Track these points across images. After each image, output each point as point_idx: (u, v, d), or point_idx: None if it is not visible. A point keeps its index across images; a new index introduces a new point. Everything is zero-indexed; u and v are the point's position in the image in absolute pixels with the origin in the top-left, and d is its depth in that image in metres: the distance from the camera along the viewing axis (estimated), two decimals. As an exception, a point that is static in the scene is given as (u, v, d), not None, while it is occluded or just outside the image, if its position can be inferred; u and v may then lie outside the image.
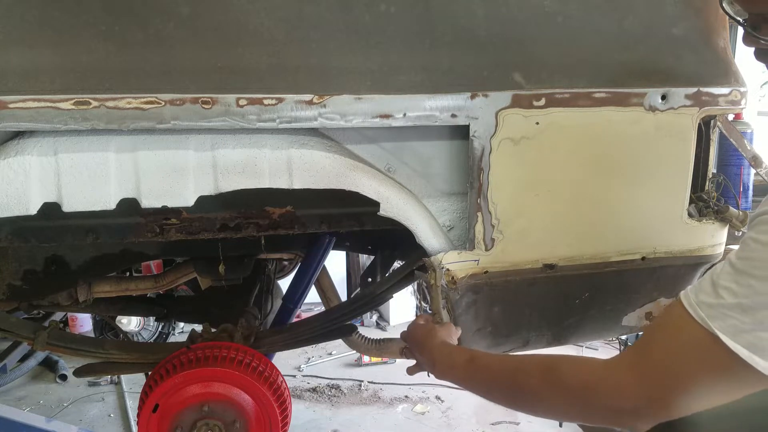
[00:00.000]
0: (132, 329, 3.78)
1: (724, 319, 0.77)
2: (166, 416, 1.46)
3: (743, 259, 0.79)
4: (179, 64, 1.20)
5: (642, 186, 1.45)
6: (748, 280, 0.77)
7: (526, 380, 0.97)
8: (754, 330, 0.75)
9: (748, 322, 0.75)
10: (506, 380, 1.03)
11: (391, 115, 1.27)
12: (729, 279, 0.79)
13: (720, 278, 0.80)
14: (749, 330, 0.75)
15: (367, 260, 3.72)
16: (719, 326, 0.77)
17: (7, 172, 1.17)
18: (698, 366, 0.79)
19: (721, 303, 0.78)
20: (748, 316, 0.75)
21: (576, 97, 1.35)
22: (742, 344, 0.75)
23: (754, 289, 0.76)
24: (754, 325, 0.75)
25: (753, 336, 0.75)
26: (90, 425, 3.24)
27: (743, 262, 0.78)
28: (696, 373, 0.80)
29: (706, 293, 0.80)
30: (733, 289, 0.78)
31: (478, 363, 1.11)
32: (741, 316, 0.76)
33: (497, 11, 1.34)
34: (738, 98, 1.46)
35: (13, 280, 1.65)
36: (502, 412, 3.33)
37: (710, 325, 0.77)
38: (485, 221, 1.38)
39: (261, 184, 1.29)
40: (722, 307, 0.78)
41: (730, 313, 0.77)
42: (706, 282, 0.82)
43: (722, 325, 0.77)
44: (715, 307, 0.78)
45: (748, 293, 0.76)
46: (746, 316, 0.75)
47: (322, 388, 3.63)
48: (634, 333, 1.65)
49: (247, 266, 1.78)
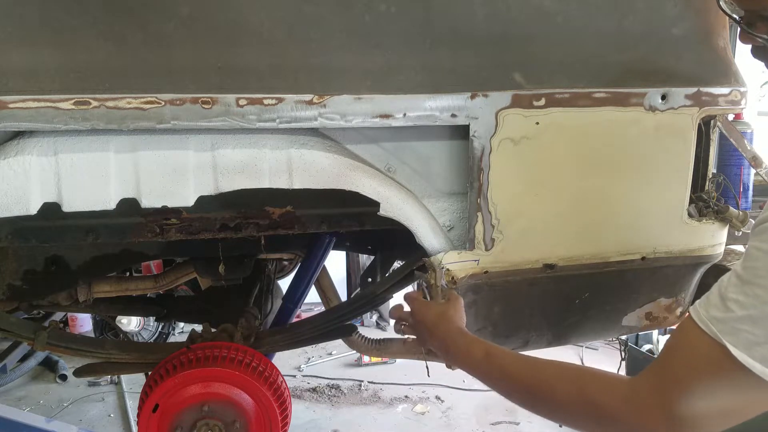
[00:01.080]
0: (132, 329, 3.78)
1: (736, 334, 0.75)
2: (166, 416, 1.46)
3: (748, 269, 0.78)
4: (179, 64, 1.20)
5: (642, 186, 1.45)
6: (754, 290, 0.76)
7: (549, 393, 0.96)
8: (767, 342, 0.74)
9: (760, 335, 0.74)
10: (526, 388, 1.01)
11: (391, 115, 1.27)
12: (736, 291, 0.78)
13: (728, 290, 0.79)
14: (762, 342, 0.74)
15: (367, 260, 3.72)
16: (732, 341, 0.75)
17: (7, 172, 1.17)
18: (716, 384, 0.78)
19: (731, 316, 0.77)
20: (759, 327, 0.74)
21: (576, 97, 1.35)
22: (756, 358, 0.74)
23: (761, 299, 0.75)
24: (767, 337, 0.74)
25: (766, 349, 0.73)
26: (90, 425, 3.23)
27: (748, 272, 0.77)
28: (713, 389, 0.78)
29: (715, 307, 0.79)
30: (741, 301, 0.76)
31: (495, 362, 1.08)
32: (752, 328, 0.75)
33: (497, 11, 1.34)
34: (738, 98, 1.46)
35: (13, 280, 1.65)
36: (502, 412, 3.33)
37: (722, 340, 0.76)
38: (485, 221, 1.38)
39: (261, 184, 1.29)
40: (732, 320, 0.76)
41: (741, 326, 0.75)
42: (714, 295, 0.81)
43: (735, 340, 0.75)
44: (725, 321, 0.77)
45: (756, 303, 0.75)
46: (757, 328, 0.74)
47: (322, 388, 3.63)
48: (634, 333, 1.65)
49: (247, 266, 1.78)
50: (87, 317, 3.89)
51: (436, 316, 1.24)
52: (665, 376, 0.83)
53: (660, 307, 1.61)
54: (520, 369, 1.03)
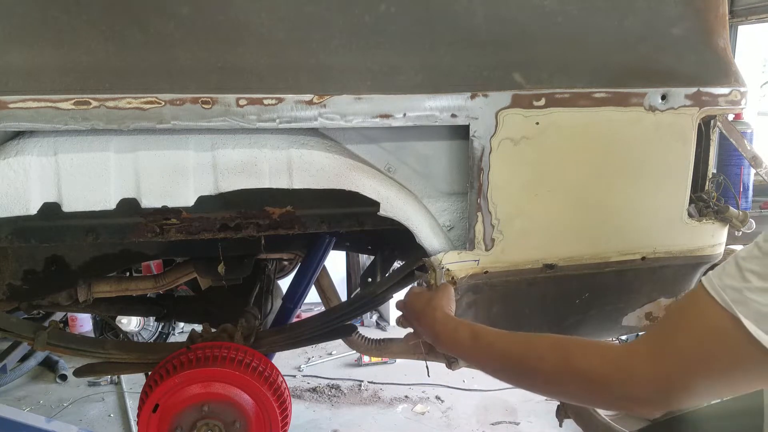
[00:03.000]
0: (132, 329, 3.78)
1: (748, 304, 0.73)
2: (166, 416, 1.46)
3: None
4: (179, 64, 1.20)
5: (642, 186, 1.45)
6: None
7: (538, 364, 0.95)
8: None
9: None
10: (515, 362, 1.01)
11: (391, 115, 1.27)
12: (756, 262, 0.75)
13: (746, 261, 0.76)
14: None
15: (367, 260, 3.72)
16: (743, 311, 0.73)
17: (7, 172, 1.17)
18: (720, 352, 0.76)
19: (747, 287, 0.74)
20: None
21: (576, 97, 1.35)
22: (765, 330, 0.71)
23: None
24: None
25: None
26: (90, 425, 3.24)
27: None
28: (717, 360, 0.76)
29: (731, 276, 0.77)
30: (759, 272, 0.74)
31: (483, 341, 1.08)
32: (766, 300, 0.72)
33: (497, 11, 1.34)
34: (738, 98, 1.46)
35: (13, 280, 1.65)
36: (502, 413, 3.33)
37: (734, 309, 0.74)
38: (485, 221, 1.38)
39: (261, 184, 1.29)
40: (748, 290, 0.74)
41: (756, 297, 0.73)
42: (731, 265, 0.78)
43: (746, 311, 0.73)
44: (740, 290, 0.74)
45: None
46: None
47: (322, 388, 3.64)
48: (634, 333, 1.65)
49: (247, 266, 1.78)
50: (87, 317, 3.89)
51: (424, 302, 1.26)
52: (666, 344, 0.81)
53: (660, 307, 1.61)
54: (508, 344, 1.04)
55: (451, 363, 1.44)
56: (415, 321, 1.28)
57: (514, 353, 1.01)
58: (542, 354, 0.95)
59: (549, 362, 0.93)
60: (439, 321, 1.20)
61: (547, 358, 0.94)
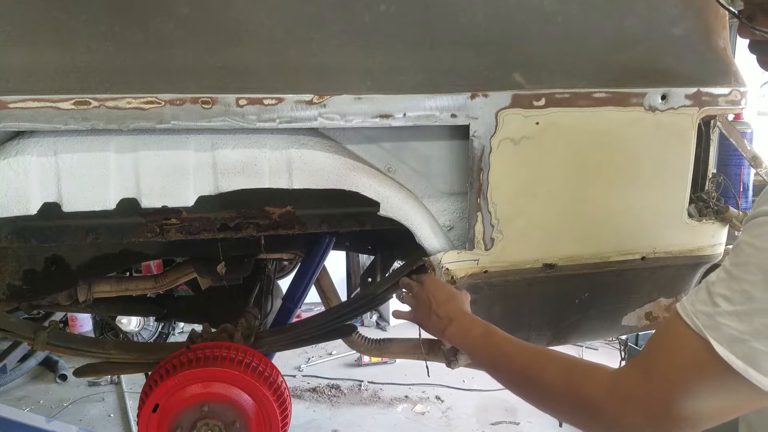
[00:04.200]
0: (132, 329, 3.79)
1: (720, 329, 0.74)
2: (166, 416, 1.46)
3: (737, 264, 0.77)
4: (179, 64, 1.20)
5: (642, 186, 1.45)
6: (742, 286, 0.74)
7: (540, 374, 0.96)
8: (750, 340, 0.72)
9: (744, 331, 0.73)
10: (520, 367, 1.02)
11: (391, 115, 1.27)
12: (724, 286, 0.77)
13: (715, 286, 0.78)
14: (745, 340, 0.73)
15: (367, 260, 3.72)
16: (715, 336, 0.74)
17: (7, 172, 1.17)
18: (698, 379, 0.77)
19: (717, 311, 0.76)
20: (744, 324, 0.73)
21: (576, 97, 1.35)
22: (737, 355, 0.73)
23: (748, 295, 0.74)
24: (751, 335, 0.72)
25: (748, 347, 0.72)
26: (90, 425, 3.24)
27: (738, 267, 0.76)
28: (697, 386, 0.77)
29: (702, 302, 0.78)
30: (728, 297, 0.75)
31: (493, 340, 1.12)
32: (737, 324, 0.73)
33: (497, 11, 1.34)
34: (738, 98, 1.46)
35: (13, 280, 1.65)
36: (502, 413, 3.33)
37: (706, 334, 0.75)
38: (485, 221, 1.38)
39: (261, 184, 1.29)
40: (719, 315, 0.75)
41: (726, 321, 0.74)
42: (702, 291, 0.80)
43: (718, 335, 0.74)
44: (711, 315, 0.76)
45: (743, 300, 0.74)
46: (742, 325, 0.73)
47: (322, 388, 3.64)
48: (634, 333, 1.65)
49: (247, 266, 1.77)
50: (87, 317, 3.89)
51: (448, 294, 1.29)
52: (648, 371, 0.82)
53: (660, 307, 1.61)
54: (517, 349, 1.06)
55: (451, 362, 1.44)
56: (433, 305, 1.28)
57: (520, 359, 1.03)
58: (545, 366, 0.96)
59: (550, 375, 0.94)
60: (459, 313, 1.23)
61: (549, 371, 0.95)
